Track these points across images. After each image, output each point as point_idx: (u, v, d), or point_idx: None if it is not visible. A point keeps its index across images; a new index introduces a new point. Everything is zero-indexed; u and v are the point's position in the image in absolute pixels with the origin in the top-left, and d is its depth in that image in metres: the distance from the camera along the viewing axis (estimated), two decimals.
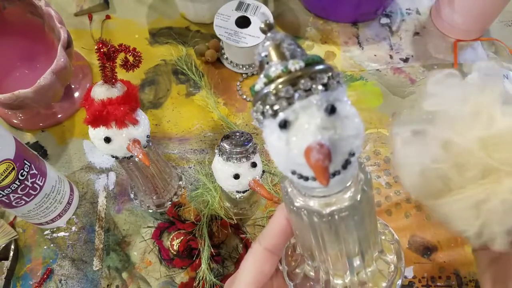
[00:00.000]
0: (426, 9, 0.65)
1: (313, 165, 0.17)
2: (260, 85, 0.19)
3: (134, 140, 0.35)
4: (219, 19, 0.55)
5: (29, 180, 0.41)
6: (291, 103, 0.18)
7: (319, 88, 0.18)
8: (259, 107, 0.18)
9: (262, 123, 0.19)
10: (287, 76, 0.18)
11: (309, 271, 0.26)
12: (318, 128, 0.17)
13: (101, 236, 0.48)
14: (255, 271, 0.26)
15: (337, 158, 0.18)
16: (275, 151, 0.19)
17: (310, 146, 0.17)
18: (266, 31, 0.20)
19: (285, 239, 0.26)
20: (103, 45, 0.31)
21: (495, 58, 0.60)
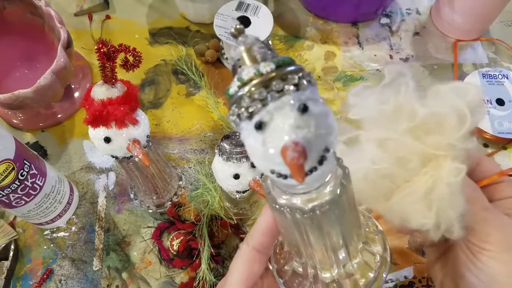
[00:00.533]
0: (426, 9, 0.65)
1: (288, 163, 0.17)
2: (234, 88, 0.19)
3: (134, 140, 0.35)
4: (219, 19, 0.55)
5: (29, 180, 0.41)
6: (265, 104, 0.18)
7: (291, 89, 0.18)
8: (234, 110, 0.19)
9: (239, 126, 0.20)
10: (259, 79, 0.18)
11: (297, 267, 0.27)
12: (292, 127, 0.18)
13: (101, 236, 0.48)
14: (245, 272, 0.26)
15: (313, 155, 0.18)
16: (253, 152, 0.19)
17: (285, 145, 0.17)
18: (237, 36, 0.20)
19: (272, 237, 0.27)
20: (103, 45, 0.31)
21: (495, 58, 0.60)
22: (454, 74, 0.58)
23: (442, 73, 0.59)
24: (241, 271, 0.26)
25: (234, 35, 0.20)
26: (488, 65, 0.59)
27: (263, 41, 0.20)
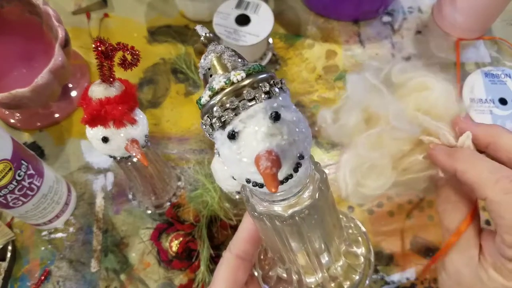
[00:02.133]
0: (428, 7, 0.64)
1: (262, 173, 0.17)
2: (205, 98, 0.19)
3: (132, 140, 0.35)
4: (218, 18, 0.55)
5: (27, 180, 0.40)
6: (237, 113, 0.18)
7: (262, 97, 0.18)
8: (206, 120, 0.19)
9: (212, 135, 0.19)
10: (230, 87, 0.18)
11: (282, 273, 0.27)
12: (266, 136, 0.18)
13: (99, 237, 0.47)
14: (229, 280, 0.26)
15: (287, 162, 0.18)
16: (228, 161, 0.19)
17: (259, 155, 0.17)
18: (206, 44, 0.20)
19: (255, 244, 0.26)
20: (101, 44, 0.30)
21: (497, 57, 0.60)
22: (456, 73, 0.58)
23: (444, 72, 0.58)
24: (225, 280, 0.26)
25: (203, 43, 0.20)
26: (490, 64, 0.59)
27: (233, 49, 0.20)
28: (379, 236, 0.47)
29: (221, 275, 0.26)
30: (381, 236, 0.47)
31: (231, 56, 0.20)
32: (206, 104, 0.19)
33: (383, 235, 0.47)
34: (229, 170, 0.20)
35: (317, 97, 0.56)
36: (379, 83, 0.36)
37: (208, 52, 0.20)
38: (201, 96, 0.19)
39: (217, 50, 0.20)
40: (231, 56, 0.20)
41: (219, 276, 0.26)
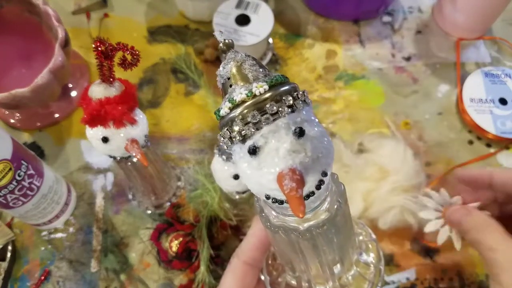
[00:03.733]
0: (428, 7, 0.64)
1: (286, 194, 0.16)
2: (225, 110, 0.18)
3: (132, 140, 0.35)
4: (218, 17, 0.55)
5: (27, 180, 0.40)
6: (259, 128, 0.17)
7: (286, 111, 0.17)
8: (226, 133, 0.18)
9: (230, 148, 0.19)
10: (252, 100, 0.17)
11: (291, 280, 0.26)
12: (289, 152, 0.17)
13: (99, 237, 0.47)
14: (236, 286, 0.26)
15: (310, 180, 0.18)
16: (246, 176, 0.18)
17: (282, 173, 0.17)
18: (226, 51, 0.19)
19: (263, 251, 0.26)
20: (101, 44, 0.30)
21: (497, 57, 0.60)
22: (456, 73, 0.58)
23: (444, 72, 0.58)
24: (233, 286, 0.26)
25: (222, 50, 0.19)
26: (490, 64, 0.59)
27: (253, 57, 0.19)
28: (378, 236, 0.47)
29: (228, 281, 0.26)
30: (381, 236, 0.47)
31: (252, 65, 0.19)
32: (226, 116, 0.18)
33: (383, 235, 0.47)
34: (247, 184, 0.19)
35: (317, 97, 0.56)
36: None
37: (227, 60, 0.19)
38: (220, 107, 0.19)
39: (238, 59, 0.19)
40: (252, 65, 0.19)
41: (226, 283, 0.26)
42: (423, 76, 0.58)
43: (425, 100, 0.56)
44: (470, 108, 0.53)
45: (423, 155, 0.52)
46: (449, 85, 0.57)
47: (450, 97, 0.56)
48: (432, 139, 0.53)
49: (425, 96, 0.56)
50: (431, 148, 0.52)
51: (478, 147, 0.52)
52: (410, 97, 0.56)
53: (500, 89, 0.55)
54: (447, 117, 0.55)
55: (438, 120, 0.54)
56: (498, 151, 0.52)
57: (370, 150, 0.51)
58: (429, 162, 0.51)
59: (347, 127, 0.54)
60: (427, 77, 0.58)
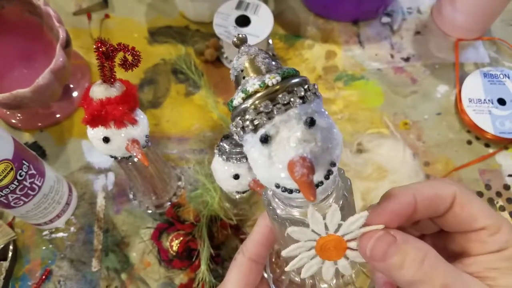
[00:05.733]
0: (427, 8, 0.65)
1: (297, 180, 0.17)
2: (238, 100, 0.19)
3: (133, 140, 0.35)
4: (219, 18, 0.55)
5: (28, 180, 0.40)
6: (271, 117, 0.18)
7: (297, 101, 0.18)
8: (238, 122, 0.19)
9: (242, 138, 0.19)
10: (264, 91, 0.18)
11: (295, 277, 0.26)
12: (299, 141, 0.17)
13: (99, 236, 0.47)
14: (241, 282, 0.26)
15: (320, 169, 0.18)
16: (257, 165, 0.19)
17: (293, 160, 0.17)
18: (239, 45, 0.20)
19: (268, 247, 0.26)
20: (102, 44, 0.30)
21: (496, 57, 0.60)
22: (455, 74, 0.58)
23: (443, 73, 0.59)
24: (237, 282, 0.26)
25: (236, 44, 0.20)
26: (489, 64, 0.59)
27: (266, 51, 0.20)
28: None
29: (233, 277, 0.26)
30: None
31: (264, 58, 0.19)
32: (239, 106, 0.19)
33: None
34: (257, 174, 0.19)
35: None
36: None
37: (241, 53, 0.20)
38: (233, 98, 0.19)
39: (251, 52, 0.19)
40: (265, 58, 0.19)
41: (231, 279, 0.26)
42: (422, 77, 0.58)
43: (424, 101, 0.56)
44: (469, 108, 0.53)
45: (422, 155, 0.52)
46: (448, 85, 0.57)
47: (449, 97, 0.56)
48: (431, 139, 0.53)
49: (424, 97, 0.57)
50: (430, 148, 0.52)
51: (477, 147, 0.53)
52: (409, 97, 0.57)
53: (498, 89, 0.55)
54: (446, 117, 0.55)
55: (437, 120, 0.55)
56: (497, 151, 0.52)
57: (370, 150, 0.52)
58: (428, 162, 0.51)
59: (347, 127, 0.54)
60: (426, 78, 0.58)
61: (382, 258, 0.20)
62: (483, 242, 0.21)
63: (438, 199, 0.22)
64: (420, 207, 0.22)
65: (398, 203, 0.22)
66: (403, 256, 0.20)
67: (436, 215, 0.22)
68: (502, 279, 0.20)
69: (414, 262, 0.20)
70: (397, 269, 0.20)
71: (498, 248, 0.21)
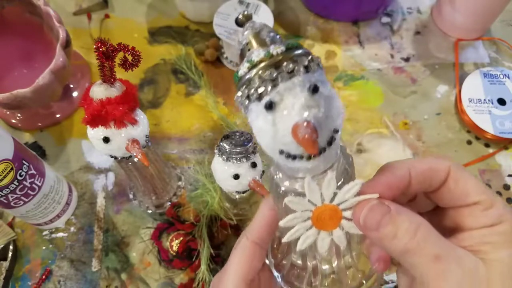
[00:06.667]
0: (427, 8, 0.65)
1: (301, 139, 0.17)
2: (243, 70, 0.19)
3: (133, 140, 0.35)
4: (218, 18, 0.55)
5: (28, 180, 0.40)
6: (276, 85, 0.18)
7: (301, 70, 0.18)
8: (244, 91, 0.19)
9: (247, 108, 0.20)
10: (269, 60, 0.19)
11: (296, 259, 0.27)
12: (303, 107, 0.18)
13: (100, 236, 0.47)
14: (244, 266, 0.26)
15: (322, 135, 0.19)
16: (262, 133, 0.19)
17: (297, 124, 0.18)
18: (245, 22, 0.21)
19: (271, 231, 0.26)
20: (102, 44, 0.30)
21: (496, 57, 0.60)
22: (455, 74, 0.58)
23: (443, 73, 0.59)
24: (241, 265, 0.26)
25: (241, 21, 0.21)
26: (489, 64, 0.59)
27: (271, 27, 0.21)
28: None
29: (237, 260, 0.26)
30: None
31: (269, 32, 0.20)
32: (244, 75, 0.19)
33: None
34: (261, 143, 0.20)
35: None
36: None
37: (246, 27, 0.20)
38: (238, 69, 0.20)
39: (256, 27, 0.20)
40: (270, 32, 0.20)
41: (235, 262, 0.26)
42: (422, 77, 0.58)
43: (424, 101, 0.56)
44: (469, 108, 0.53)
45: (422, 155, 0.52)
46: (447, 85, 0.57)
47: (448, 97, 0.56)
48: (430, 139, 0.53)
49: (424, 97, 0.57)
50: (429, 148, 0.53)
51: (476, 147, 0.53)
52: (409, 97, 0.57)
53: (498, 89, 0.55)
54: (446, 117, 0.55)
55: (436, 120, 0.55)
56: (497, 151, 0.52)
57: (369, 150, 0.52)
58: None
59: (347, 127, 0.54)
60: (426, 78, 0.58)
61: (375, 228, 0.20)
62: (476, 216, 0.21)
63: (433, 172, 0.22)
64: (414, 181, 0.22)
65: (392, 174, 0.22)
66: (396, 226, 0.20)
67: (431, 189, 0.23)
68: (495, 252, 0.20)
69: (407, 232, 0.20)
70: (390, 239, 0.20)
71: (491, 223, 0.21)
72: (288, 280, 0.27)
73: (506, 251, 0.20)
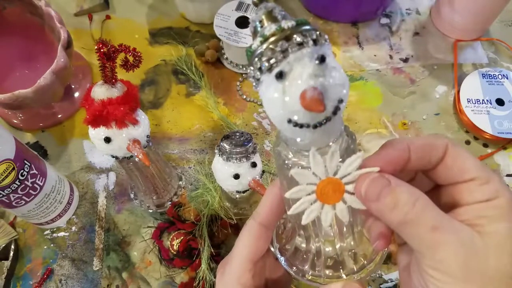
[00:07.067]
0: (426, 9, 0.65)
1: (308, 100, 0.19)
2: (256, 44, 0.20)
3: (134, 140, 0.35)
4: (219, 19, 0.55)
5: (29, 180, 0.41)
6: (286, 56, 0.19)
7: (310, 42, 0.20)
8: (256, 64, 0.20)
9: (258, 80, 0.21)
10: (280, 34, 0.20)
11: (300, 243, 0.27)
12: (311, 76, 0.19)
13: (101, 236, 0.48)
14: (251, 246, 0.27)
15: (328, 103, 0.20)
16: (271, 103, 0.20)
17: (305, 90, 0.19)
18: (258, 3, 0.22)
19: (278, 213, 0.27)
20: (103, 45, 0.31)
21: (495, 58, 0.60)
22: (454, 74, 0.58)
23: (442, 73, 0.59)
24: (247, 246, 0.27)
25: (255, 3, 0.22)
26: (488, 65, 0.59)
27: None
28: None
29: (244, 241, 0.27)
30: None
31: (281, 11, 0.21)
32: (257, 49, 0.20)
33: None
34: (270, 113, 0.21)
35: None
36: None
37: (259, 8, 0.21)
38: (251, 44, 0.21)
39: (268, 6, 0.21)
40: (281, 11, 0.21)
41: (242, 242, 0.27)
42: (421, 77, 0.59)
43: (422, 101, 0.57)
44: (468, 109, 0.54)
45: None
46: (446, 86, 0.58)
47: (447, 97, 0.57)
48: None
49: (422, 97, 0.57)
50: None
51: (475, 147, 0.53)
52: (408, 97, 0.57)
53: (497, 89, 0.55)
54: (445, 118, 0.55)
55: (435, 121, 0.55)
56: (496, 151, 0.53)
57: (369, 150, 0.52)
58: None
59: None
60: (425, 78, 0.58)
61: (376, 198, 0.21)
62: (473, 191, 0.22)
63: (431, 148, 0.23)
64: (414, 156, 0.23)
65: (392, 149, 0.23)
66: (396, 197, 0.21)
67: (429, 166, 0.23)
68: (490, 225, 0.21)
69: (406, 204, 0.21)
70: (390, 210, 0.21)
71: (487, 198, 0.21)
72: (292, 263, 0.28)
73: (502, 223, 0.21)
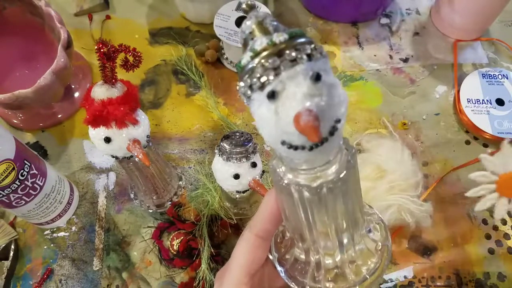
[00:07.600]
0: (426, 9, 0.65)
1: (303, 127, 0.17)
2: (246, 59, 0.19)
3: (134, 140, 0.35)
4: (219, 19, 0.55)
5: (29, 180, 0.41)
6: (278, 73, 0.18)
7: (304, 58, 0.18)
8: (246, 81, 0.19)
9: (249, 98, 0.19)
10: (272, 49, 0.18)
11: (300, 254, 0.26)
12: (306, 96, 0.18)
13: (101, 236, 0.48)
14: (248, 258, 0.26)
15: (325, 124, 0.18)
16: (264, 123, 0.19)
17: (299, 112, 0.17)
18: (248, 11, 0.20)
19: (275, 224, 0.26)
20: (103, 45, 0.31)
21: (494, 58, 0.60)
22: (454, 74, 0.58)
23: (442, 73, 0.59)
24: (244, 258, 0.26)
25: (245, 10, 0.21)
26: (488, 65, 0.59)
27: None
28: None
29: (240, 253, 0.26)
30: None
31: (272, 21, 0.20)
32: (247, 64, 0.19)
33: None
34: (263, 133, 0.20)
35: None
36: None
37: (249, 17, 0.20)
38: (241, 58, 0.19)
39: (259, 16, 0.20)
40: (273, 21, 0.20)
41: (238, 255, 0.26)
42: (421, 77, 0.59)
43: (422, 101, 0.57)
44: (467, 109, 0.54)
45: (420, 155, 0.52)
46: (446, 86, 0.58)
47: (447, 97, 0.57)
48: (429, 139, 0.53)
49: (422, 97, 0.57)
50: (428, 148, 0.53)
51: (475, 147, 0.53)
52: (407, 97, 0.57)
53: (497, 89, 0.55)
54: (445, 118, 0.55)
55: (435, 121, 0.55)
56: (496, 151, 0.53)
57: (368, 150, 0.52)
58: (426, 162, 0.52)
59: (346, 127, 0.54)
60: (425, 78, 0.58)
61: None
62: None
63: None
64: None
65: None
66: None
67: None
68: None
69: None
70: None
71: None
72: (291, 274, 0.27)
73: None
